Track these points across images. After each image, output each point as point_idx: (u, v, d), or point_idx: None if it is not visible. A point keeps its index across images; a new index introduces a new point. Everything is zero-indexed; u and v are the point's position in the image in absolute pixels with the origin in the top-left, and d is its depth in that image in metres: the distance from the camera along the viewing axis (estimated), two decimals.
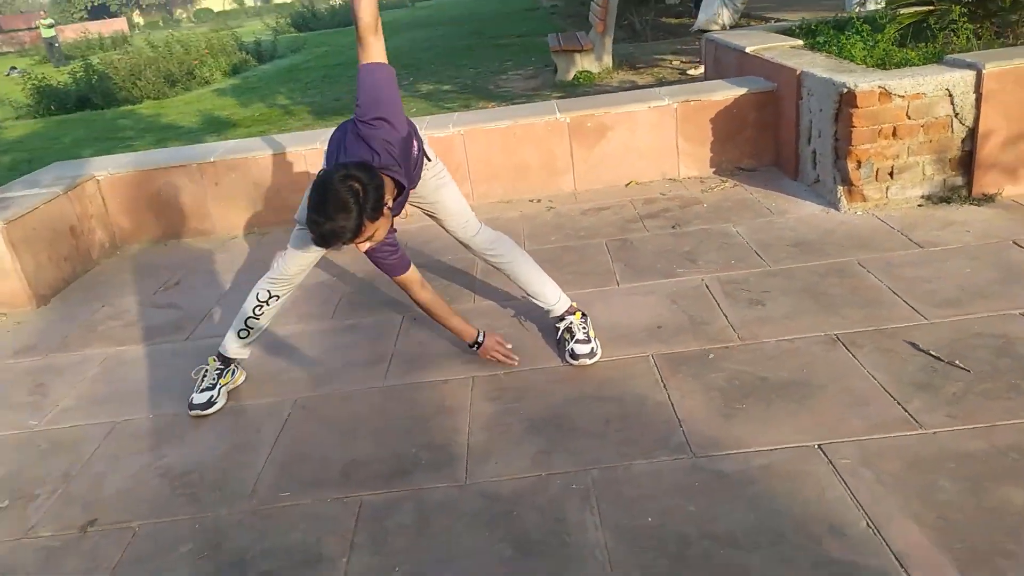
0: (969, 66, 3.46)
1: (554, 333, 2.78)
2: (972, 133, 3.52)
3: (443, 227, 2.72)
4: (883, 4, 7.81)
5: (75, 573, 1.96)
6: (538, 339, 2.87)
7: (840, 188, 3.70)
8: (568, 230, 3.89)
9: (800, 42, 4.81)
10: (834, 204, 3.74)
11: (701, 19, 8.84)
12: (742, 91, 4.36)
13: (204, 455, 2.41)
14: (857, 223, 3.52)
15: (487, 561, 1.81)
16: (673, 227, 3.78)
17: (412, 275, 2.55)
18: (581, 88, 8.68)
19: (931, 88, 3.46)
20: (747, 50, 4.79)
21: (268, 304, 2.68)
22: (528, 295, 2.77)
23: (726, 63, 5.30)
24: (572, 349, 2.64)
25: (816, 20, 5.41)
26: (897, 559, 1.66)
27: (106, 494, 2.28)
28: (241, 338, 2.73)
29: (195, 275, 4.00)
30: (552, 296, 2.73)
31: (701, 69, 8.61)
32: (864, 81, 3.48)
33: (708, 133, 4.45)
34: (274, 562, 1.91)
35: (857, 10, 7.82)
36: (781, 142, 4.36)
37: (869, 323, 2.64)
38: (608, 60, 9.18)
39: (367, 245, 2.17)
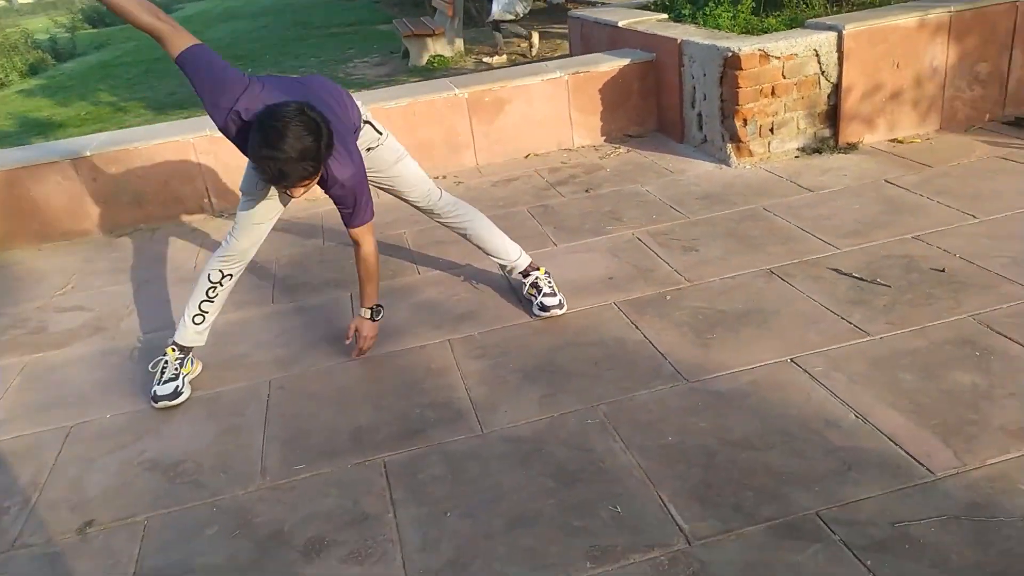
0: (831, 28, 3.91)
1: (514, 291, 2.88)
2: (836, 89, 3.99)
3: (403, 199, 2.75)
4: None
5: (95, 572, 1.84)
6: (497, 299, 2.96)
7: (729, 145, 4.06)
8: (486, 202, 3.99)
9: (664, 16, 5.17)
10: (724, 160, 4.10)
11: (495, 10, 9.01)
12: (625, 62, 4.64)
13: (190, 444, 2.31)
14: (750, 176, 3.89)
15: (534, 492, 1.91)
16: (586, 191, 3.98)
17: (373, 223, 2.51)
18: (438, 72, 8.74)
19: (802, 49, 3.87)
20: (620, 24, 5.09)
21: (221, 284, 2.59)
22: (489, 254, 2.86)
23: (596, 38, 5.58)
24: (542, 302, 2.76)
25: None
26: (891, 439, 1.93)
27: (92, 495, 2.13)
28: (196, 324, 2.62)
29: (90, 277, 3.72)
30: (514, 253, 2.84)
31: (503, 58, 8.91)
32: (746, 45, 3.84)
33: (598, 103, 4.69)
34: (318, 528, 1.89)
35: None
36: (664, 108, 4.68)
37: (792, 257, 2.96)
38: (460, 44, 9.30)
39: (304, 191, 2.16)
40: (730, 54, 3.87)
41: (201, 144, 4.28)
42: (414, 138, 4.49)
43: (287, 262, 3.59)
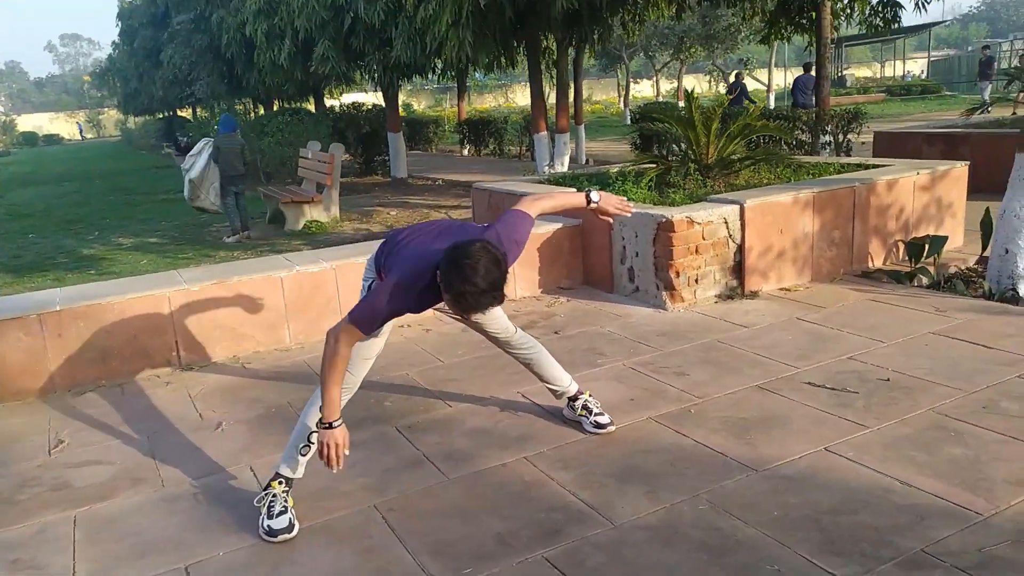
0: (734, 202, 4.91)
1: (551, 414, 3.29)
2: (740, 249, 4.95)
3: (485, 332, 3.10)
4: (566, 167, 9.78)
5: None
6: (542, 422, 3.32)
7: (664, 293, 4.83)
8: (467, 345, 4.37)
9: (574, 189, 6.04)
10: (661, 306, 4.84)
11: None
12: (557, 226, 5.38)
13: (336, 568, 2.39)
14: (688, 317, 4.64)
15: (697, 565, 2.27)
16: (556, 332, 4.51)
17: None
18: (320, 236, 9.07)
19: (716, 217, 4.81)
20: None
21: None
22: (546, 380, 3.25)
23: (506, 206, 6.30)
24: (596, 420, 3.17)
25: (568, 174, 6.79)
26: (936, 496, 2.54)
27: None
28: (303, 455, 2.73)
29: (82, 433, 3.57)
30: (567, 380, 3.25)
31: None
32: (676, 213, 4.72)
33: (536, 260, 5.34)
34: None
35: (547, 171, 9.67)
36: (592, 265, 5.42)
37: (768, 376, 3.64)
38: (336, 210, 9.76)
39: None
40: (664, 220, 4.71)
41: (177, 297, 4.31)
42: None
43: (303, 406, 3.69)
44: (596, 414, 3.20)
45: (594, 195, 2.92)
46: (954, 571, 2.16)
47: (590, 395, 3.27)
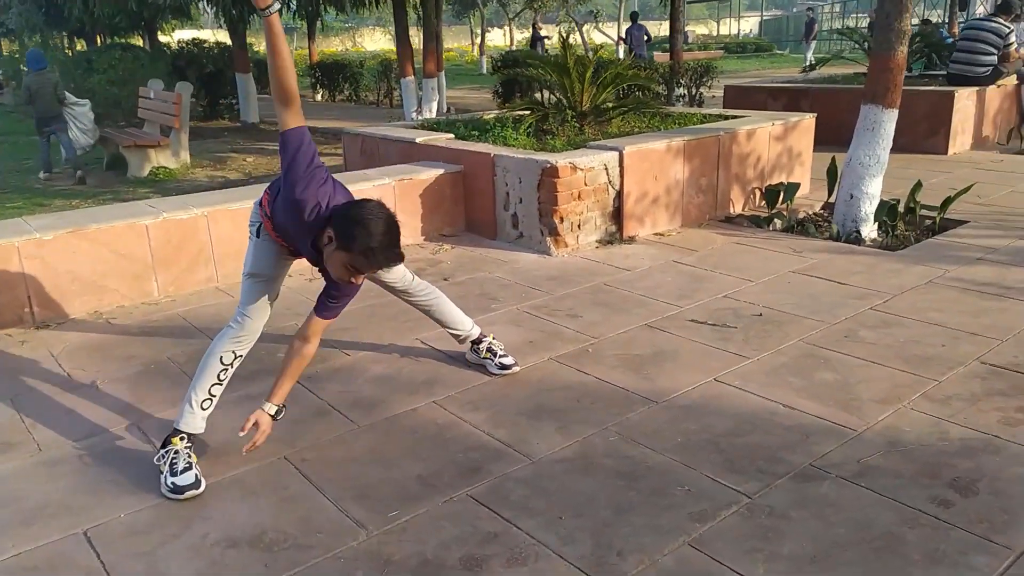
0: (614, 148, 5.06)
1: (452, 358, 3.34)
2: (619, 195, 5.12)
3: (381, 282, 3.04)
4: (435, 114, 9.65)
5: None
6: (445, 366, 3.34)
7: (549, 239, 4.92)
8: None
9: (451, 135, 5.99)
10: (545, 251, 4.94)
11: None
12: (439, 171, 5.32)
13: (255, 519, 2.32)
14: (572, 262, 4.77)
15: (616, 489, 2.39)
16: (445, 279, 4.50)
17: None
18: (170, 183, 8.49)
19: (597, 163, 4.94)
20: (417, 140, 5.78)
21: (232, 366, 2.65)
22: (448, 326, 3.25)
23: (383, 153, 6.18)
24: (500, 362, 3.22)
25: (442, 120, 6.70)
26: (816, 416, 2.80)
27: None
28: (204, 409, 2.61)
29: None
30: (468, 323, 3.27)
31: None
32: (560, 159, 4.80)
33: (419, 207, 5.27)
34: (459, 550, 2.14)
35: (415, 116, 9.50)
36: (474, 211, 5.43)
37: (654, 315, 3.84)
38: (186, 156, 9.15)
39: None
40: (548, 165, 4.78)
41: (27, 248, 3.92)
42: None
43: (186, 360, 3.50)
44: (500, 356, 3.25)
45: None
46: (839, 481, 2.40)
47: (493, 338, 3.31)
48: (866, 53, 9.44)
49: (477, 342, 3.28)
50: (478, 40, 31.19)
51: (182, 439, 2.54)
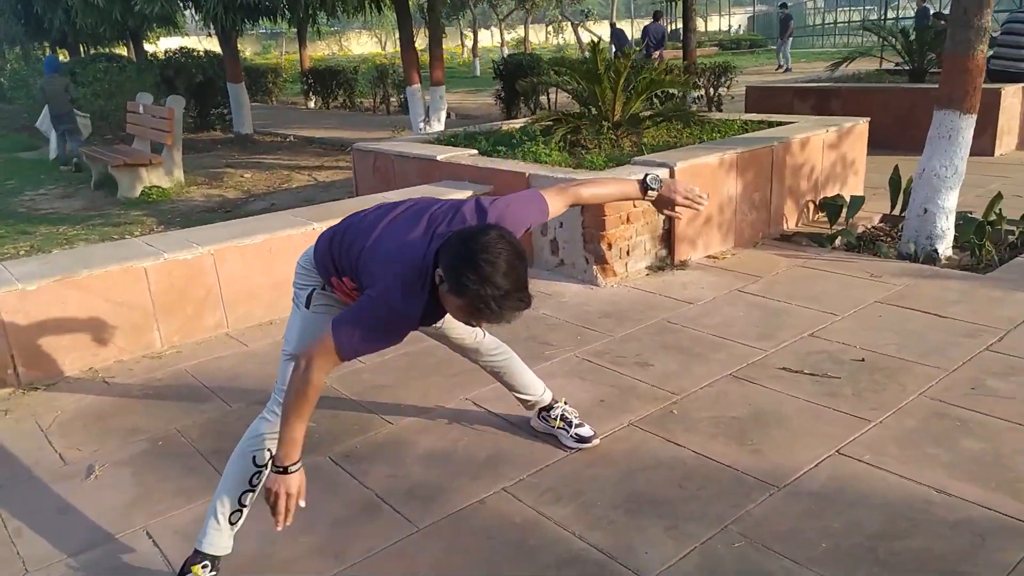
0: (663, 164, 4.54)
1: (514, 425, 2.83)
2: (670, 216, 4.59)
3: (446, 338, 2.53)
4: (443, 124, 9.11)
5: None
6: (508, 437, 2.81)
7: (595, 267, 4.40)
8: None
9: (474, 151, 5.47)
10: (591, 281, 4.42)
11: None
12: (467, 194, 4.77)
13: None
14: (625, 293, 4.25)
15: None
16: None
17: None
18: (163, 205, 7.93)
19: None
20: (439, 158, 5.25)
21: (268, 468, 2.12)
22: (517, 390, 2.73)
23: (399, 171, 5.65)
24: (577, 434, 2.70)
25: (460, 132, 6.18)
26: (982, 506, 2.29)
27: None
28: (232, 524, 2.08)
29: None
30: (539, 387, 2.75)
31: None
32: None
33: None
34: None
35: (423, 127, 8.96)
36: None
37: (737, 362, 3.32)
38: (180, 174, 8.59)
39: None
40: None
41: (8, 301, 3.38)
42: (271, 278, 4.07)
43: (200, 434, 2.97)
44: (576, 426, 2.73)
45: (652, 180, 2.31)
46: None
47: (566, 403, 2.79)
48: (901, 50, 8.98)
49: (548, 409, 2.76)
50: (468, 42, 30.63)
51: (205, 567, 2.01)
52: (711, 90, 10.11)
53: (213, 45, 16.80)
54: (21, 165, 11.54)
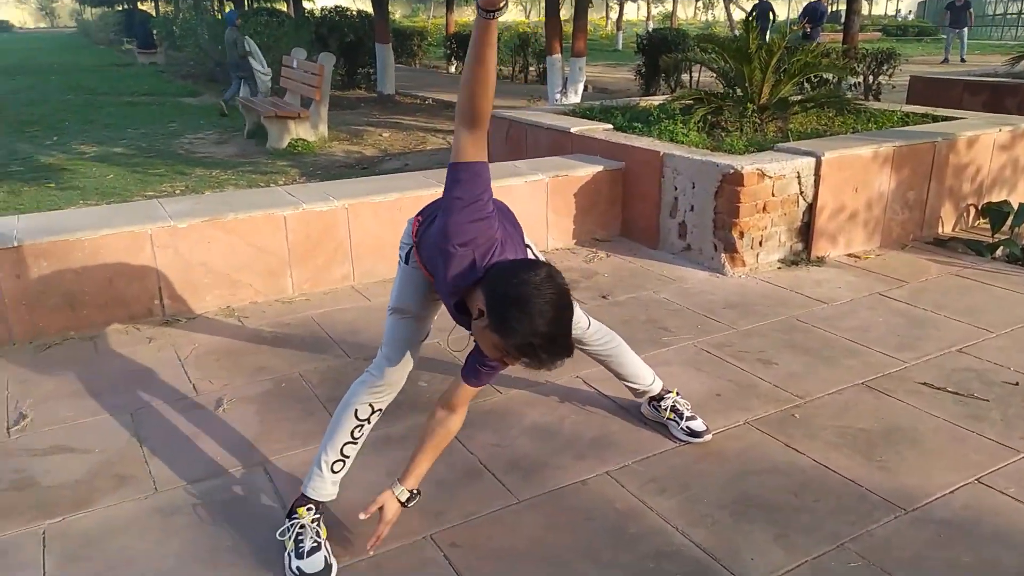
0: (809, 153, 4.28)
1: (623, 408, 2.73)
2: (810, 208, 4.34)
3: None
4: (580, 96, 8.99)
5: None
6: (616, 420, 2.75)
7: (723, 255, 4.23)
8: None
9: (609, 125, 5.35)
10: (718, 269, 4.25)
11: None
12: (598, 168, 4.70)
13: None
14: (753, 286, 4.06)
15: None
16: (604, 296, 3.91)
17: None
18: (307, 157, 8.27)
19: (789, 170, 4.19)
20: (572, 131, 5.18)
21: (369, 422, 2.17)
22: (625, 378, 2.66)
23: (531, 142, 5.62)
24: (689, 427, 2.60)
25: (596, 106, 6.07)
26: None
27: None
28: (335, 472, 2.14)
29: (49, 403, 2.92)
30: (649, 376, 2.67)
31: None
32: (746, 164, 4.07)
33: (572, 207, 4.69)
34: None
35: (559, 99, 8.88)
36: (633, 215, 4.79)
37: (872, 371, 3.10)
38: (324, 129, 8.92)
39: None
40: (732, 171, 4.07)
41: (160, 236, 3.61)
42: (398, 236, 4.13)
43: (319, 380, 3.08)
44: (688, 418, 2.63)
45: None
46: None
47: (678, 394, 2.70)
48: None
49: (658, 399, 2.68)
50: (613, 15, 30.08)
51: (309, 510, 2.08)
52: (871, 77, 9.44)
53: (365, 5, 17.29)
54: (183, 110, 12.36)
